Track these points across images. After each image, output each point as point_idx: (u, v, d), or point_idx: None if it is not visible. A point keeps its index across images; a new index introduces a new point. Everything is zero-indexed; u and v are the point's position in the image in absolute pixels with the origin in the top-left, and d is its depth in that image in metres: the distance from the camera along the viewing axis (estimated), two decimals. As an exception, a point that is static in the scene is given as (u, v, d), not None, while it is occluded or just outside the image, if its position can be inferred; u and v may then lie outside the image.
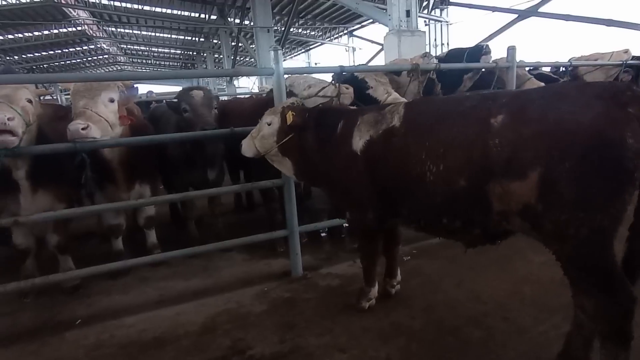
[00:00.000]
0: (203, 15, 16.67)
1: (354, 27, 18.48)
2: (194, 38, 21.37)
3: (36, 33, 17.57)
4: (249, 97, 7.62)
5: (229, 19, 15.46)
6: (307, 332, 2.37)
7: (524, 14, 9.43)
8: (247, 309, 2.68)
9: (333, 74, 3.57)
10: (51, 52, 21.30)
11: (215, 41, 19.84)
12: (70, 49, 22.19)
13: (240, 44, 15.66)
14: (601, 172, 1.42)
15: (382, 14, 7.23)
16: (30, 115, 2.55)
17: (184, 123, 3.28)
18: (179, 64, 29.43)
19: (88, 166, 2.82)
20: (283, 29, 13.25)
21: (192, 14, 16.74)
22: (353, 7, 7.97)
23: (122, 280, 3.24)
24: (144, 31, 20.03)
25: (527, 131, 1.55)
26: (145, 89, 8.69)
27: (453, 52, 4.64)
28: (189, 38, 21.54)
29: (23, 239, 2.96)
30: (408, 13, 6.41)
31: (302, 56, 24.20)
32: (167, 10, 16.22)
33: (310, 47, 22.48)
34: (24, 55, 20.63)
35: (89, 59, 25.77)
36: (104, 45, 23.89)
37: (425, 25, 12.32)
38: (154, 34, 20.71)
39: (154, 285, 3.16)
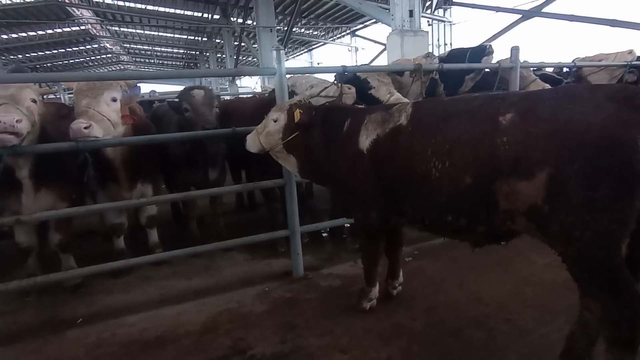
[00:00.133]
0: (206, 15, 16.69)
1: (357, 27, 18.44)
2: (196, 37, 21.39)
3: (40, 32, 17.65)
4: (251, 96, 7.61)
5: (232, 18, 15.47)
6: (308, 332, 2.37)
7: (528, 14, 9.38)
8: (248, 309, 2.67)
9: (335, 74, 3.57)
10: (54, 51, 21.37)
11: (218, 41, 19.86)
12: (74, 48, 22.25)
13: (242, 44, 15.67)
14: (610, 175, 1.39)
15: (385, 13, 7.22)
16: (35, 115, 2.56)
17: (186, 122, 3.28)
18: (181, 64, 29.47)
19: (90, 165, 2.83)
20: (286, 28, 13.26)
21: (195, 14, 16.75)
22: (356, 7, 7.95)
23: (124, 279, 3.25)
24: (147, 30, 20.07)
25: (537, 131, 1.53)
26: (148, 89, 8.71)
27: (454, 53, 4.62)
28: (191, 37, 21.57)
29: (25, 238, 2.96)
30: (411, 13, 6.39)
31: (305, 56, 24.18)
32: (170, 10, 16.26)
33: (313, 47, 22.46)
34: (27, 55, 20.71)
35: (92, 58, 25.84)
36: (107, 45, 23.96)
37: (429, 25, 12.29)
38: (157, 33, 20.73)
39: (156, 284, 3.17)
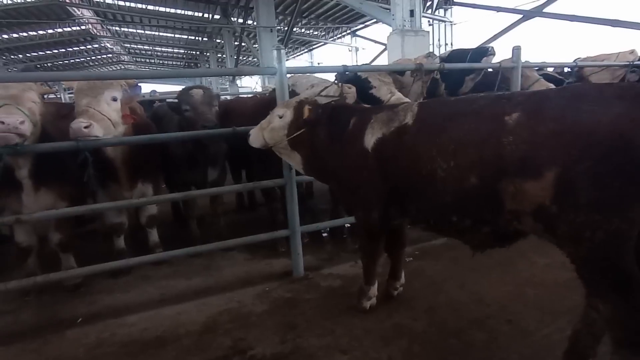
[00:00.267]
0: (206, 15, 16.70)
1: (357, 27, 18.43)
2: (197, 37, 21.40)
3: (40, 32, 17.67)
4: (252, 96, 7.61)
5: (232, 18, 15.47)
6: (308, 332, 2.36)
7: (529, 14, 9.36)
8: (249, 309, 2.67)
9: (336, 74, 3.56)
10: (55, 51, 21.38)
11: (218, 41, 19.84)
12: (74, 48, 22.27)
13: (243, 44, 15.67)
14: (621, 174, 1.38)
15: (385, 13, 7.20)
16: (36, 116, 2.56)
17: (186, 122, 3.28)
18: (182, 63, 29.47)
19: (90, 165, 2.82)
20: (286, 28, 13.25)
21: (196, 14, 16.76)
22: (357, 6, 7.94)
23: (124, 279, 3.24)
24: (148, 30, 20.08)
25: (544, 130, 1.52)
26: (148, 88, 8.70)
27: (455, 53, 4.61)
28: (192, 37, 21.57)
29: (25, 237, 2.96)
30: (412, 13, 6.38)
31: (305, 56, 24.19)
32: (171, 10, 16.26)
33: (313, 47, 22.46)
34: (28, 54, 20.73)
35: (93, 57, 25.84)
36: (107, 45, 23.97)
37: (429, 25, 12.27)
38: (157, 33, 20.73)
39: (156, 284, 3.16)
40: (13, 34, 17.24)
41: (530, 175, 1.54)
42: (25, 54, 20.50)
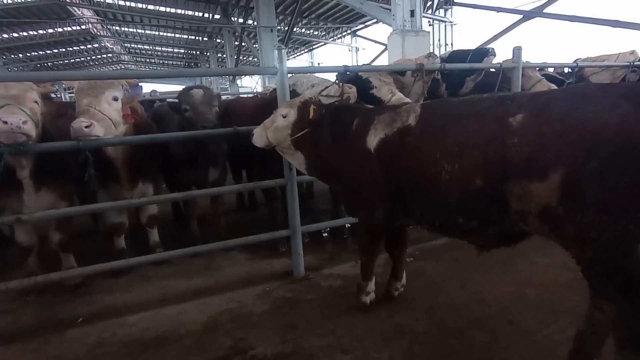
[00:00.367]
0: (207, 15, 16.69)
1: (358, 27, 18.43)
2: (197, 37, 21.39)
3: (41, 31, 17.65)
4: (253, 96, 7.60)
5: (233, 18, 15.47)
6: (309, 332, 2.36)
7: (529, 14, 9.35)
8: (249, 309, 2.67)
9: (337, 74, 3.56)
10: (55, 50, 21.36)
11: (218, 40, 19.84)
12: (75, 48, 22.26)
13: (243, 44, 15.67)
14: (627, 175, 1.37)
15: (386, 13, 7.21)
16: (38, 116, 2.56)
17: (186, 122, 3.28)
18: (182, 63, 29.45)
19: (91, 164, 2.82)
20: (286, 28, 13.24)
21: (196, 14, 16.76)
22: (357, 6, 7.93)
23: (124, 279, 3.24)
24: (148, 30, 20.07)
25: (549, 131, 1.51)
26: (148, 88, 8.70)
27: (456, 54, 4.61)
28: (192, 37, 21.56)
29: (25, 237, 2.96)
30: (412, 13, 6.38)
31: (305, 56, 24.18)
32: (171, 10, 16.25)
33: (314, 47, 22.45)
34: (28, 54, 20.73)
35: (93, 57, 25.82)
36: (108, 44, 23.96)
37: (430, 25, 12.27)
38: (157, 33, 20.72)
39: (156, 283, 3.16)
40: (13, 34, 17.23)
41: (535, 177, 1.53)
42: (26, 54, 20.50)
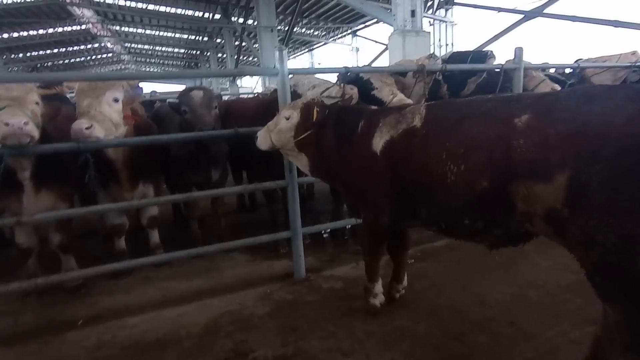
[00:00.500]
0: (207, 15, 16.69)
1: (358, 27, 18.43)
2: (197, 37, 21.39)
3: (41, 31, 17.66)
4: (254, 96, 7.59)
5: (233, 18, 15.47)
6: (310, 335, 2.35)
7: (530, 14, 9.34)
8: (250, 311, 2.66)
9: (338, 75, 3.55)
10: (56, 50, 21.37)
11: (218, 40, 19.84)
12: (75, 48, 22.27)
13: (243, 44, 15.67)
14: (633, 177, 1.36)
15: (386, 13, 7.21)
16: (39, 117, 2.55)
17: (186, 124, 3.27)
18: (182, 63, 29.47)
19: (91, 166, 2.81)
20: (286, 28, 13.24)
21: (196, 13, 16.76)
22: (358, 6, 7.94)
23: (125, 280, 3.23)
24: (148, 30, 20.07)
25: (555, 132, 1.50)
26: (149, 89, 8.70)
27: (456, 56, 4.59)
28: (192, 37, 21.57)
29: (25, 238, 2.95)
30: (413, 13, 6.38)
31: (305, 56, 24.17)
32: (171, 10, 16.25)
33: (314, 46, 22.45)
34: (28, 54, 20.73)
35: (93, 57, 25.85)
36: (108, 44, 23.95)
37: (430, 25, 12.27)
38: (157, 33, 20.73)
39: (157, 285, 3.15)
40: (14, 33, 17.22)
41: (541, 178, 1.52)
42: (26, 54, 20.49)
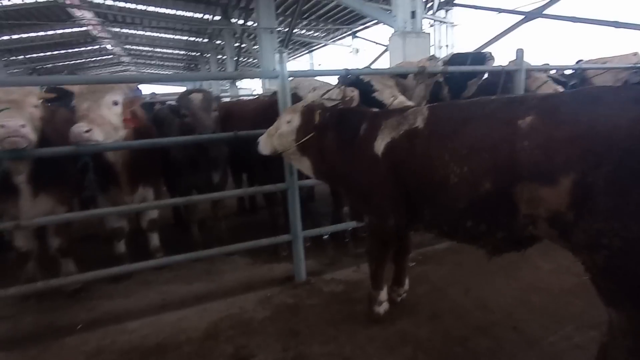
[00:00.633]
0: (207, 16, 16.69)
1: (358, 28, 18.42)
2: (197, 39, 21.39)
3: (41, 33, 17.65)
4: (255, 98, 7.56)
5: (233, 19, 15.46)
6: (311, 339, 2.33)
7: (530, 15, 9.31)
8: (250, 315, 2.64)
9: (339, 77, 3.53)
10: (55, 52, 21.35)
11: (218, 42, 19.83)
12: (75, 49, 22.26)
13: (243, 45, 15.66)
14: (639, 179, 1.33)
15: (386, 15, 7.19)
16: (37, 121, 2.54)
17: (186, 127, 3.26)
18: (182, 65, 29.47)
19: (91, 169, 2.80)
20: (286, 29, 13.23)
21: (196, 15, 16.76)
22: (358, 8, 7.91)
23: (124, 284, 3.22)
24: (148, 32, 20.08)
25: (559, 134, 1.47)
26: (148, 91, 8.67)
27: (456, 57, 4.58)
28: (192, 39, 21.56)
29: (24, 242, 2.93)
30: (413, 14, 6.36)
31: (305, 57, 24.16)
32: (171, 11, 16.25)
33: (314, 48, 22.44)
34: (28, 55, 20.73)
35: (93, 59, 25.85)
36: (108, 46, 23.95)
37: (430, 26, 12.27)
38: (157, 34, 20.74)
39: (157, 289, 3.14)
40: (14, 35, 17.22)
41: (545, 182, 1.50)
42: (26, 55, 20.49)
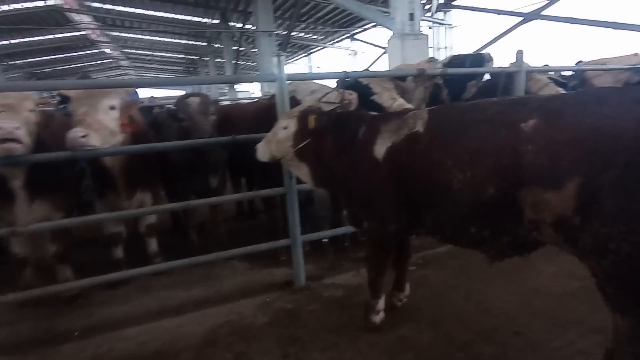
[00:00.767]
0: (205, 20, 16.72)
1: (356, 31, 18.45)
2: (196, 42, 21.42)
3: (40, 38, 17.68)
4: (254, 101, 7.53)
5: (231, 23, 15.48)
6: (311, 346, 2.30)
7: (529, 16, 9.31)
8: (249, 321, 2.61)
9: (337, 80, 3.52)
10: (54, 56, 21.38)
11: (217, 45, 19.86)
12: (73, 54, 22.28)
13: (242, 48, 15.67)
14: None
15: (385, 17, 7.18)
16: (33, 125, 2.52)
17: (184, 131, 3.24)
18: (181, 68, 29.50)
19: (88, 174, 2.77)
20: (285, 32, 13.24)
21: (194, 18, 16.78)
22: (356, 10, 7.91)
23: (122, 290, 3.18)
24: (147, 35, 20.11)
25: (564, 137, 1.45)
26: (147, 94, 8.65)
27: (456, 59, 4.57)
28: (191, 42, 21.59)
29: (21, 248, 2.90)
30: (412, 16, 6.35)
31: (304, 60, 24.19)
32: (170, 15, 16.27)
33: (312, 50, 22.46)
34: (27, 60, 20.75)
35: (92, 63, 25.87)
36: (106, 50, 23.97)
37: (429, 28, 12.28)
38: (156, 38, 20.76)
39: (155, 294, 3.10)
40: (12, 40, 17.24)
41: (550, 186, 1.47)
42: (25, 60, 20.52)
